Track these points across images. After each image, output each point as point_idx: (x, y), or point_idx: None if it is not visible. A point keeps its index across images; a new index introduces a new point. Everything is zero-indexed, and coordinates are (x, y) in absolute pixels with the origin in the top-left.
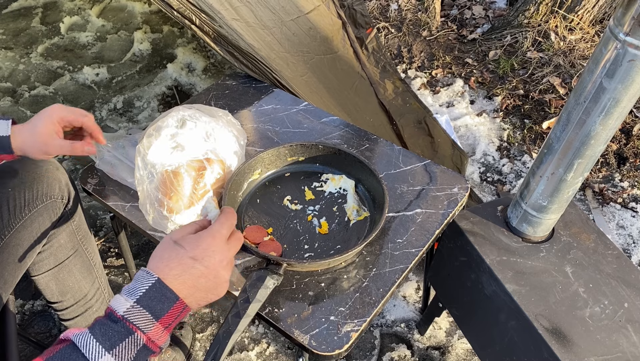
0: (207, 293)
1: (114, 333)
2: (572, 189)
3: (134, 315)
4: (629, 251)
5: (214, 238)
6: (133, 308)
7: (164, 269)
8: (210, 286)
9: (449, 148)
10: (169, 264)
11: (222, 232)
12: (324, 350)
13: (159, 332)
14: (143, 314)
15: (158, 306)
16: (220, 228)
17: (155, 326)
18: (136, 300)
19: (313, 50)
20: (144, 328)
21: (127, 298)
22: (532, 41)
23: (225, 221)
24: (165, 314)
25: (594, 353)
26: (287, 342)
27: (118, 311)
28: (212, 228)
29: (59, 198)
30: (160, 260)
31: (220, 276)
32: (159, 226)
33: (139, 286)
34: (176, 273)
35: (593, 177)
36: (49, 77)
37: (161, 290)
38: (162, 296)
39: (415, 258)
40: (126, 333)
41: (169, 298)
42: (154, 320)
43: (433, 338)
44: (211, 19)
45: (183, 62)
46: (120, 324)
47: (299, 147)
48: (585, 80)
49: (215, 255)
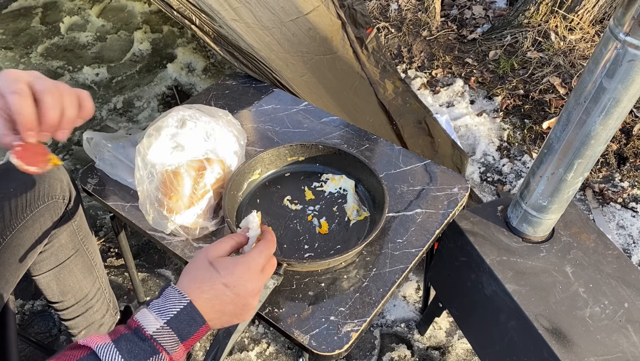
0: (232, 318)
1: (140, 350)
2: (572, 189)
3: (162, 336)
4: (629, 251)
5: (249, 268)
6: (163, 329)
7: (195, 291)
8: (238, 312)
9: (449, 148)
10: (202, 286)
11: (260, 261)
12: (324, 350)
13: (181, 353)
14: (171, 336)
15: (186, 329)
16: (258, 258)
17: (179, 347)
18: (167, 321)
19: (313, 50)
20: (169, 349)
21: (158, 317)
22: (532, 41)
23: (265, 250)
24: (191, 337)
25: (594, 353)
26: (287, 342)
27: (147, 330)
28: (250, 256)
29: (61, 198)
30: (194, 281)
31: (248, 304)
32: (159, 226)
33: (170, 306)
34: (207, 297)
35: (593, 177)
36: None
37: (191, 314)
38: (191, 320)
39: (415, 258)
40: (151, 353)
41: (197, 322)
42: (179, 342)
43: (433, 338)
44: (211, 19)
45: (183, 62)
46: (148, 343)
47: (299, 147)
48: (585, 80)
49: (248, 284)
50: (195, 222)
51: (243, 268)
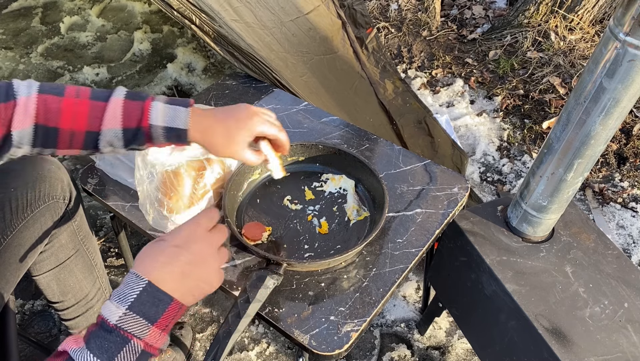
0: (199, 282)
1: (110, 344)
2: (572, 189)
3: (127, 322)
4: (629, 251)
5: (194, 226)
6: (126, 316)
7: (150, 264)
8: (201, 274)
9: (449, 148)
10: (154, 258)
11: (201, 221)
12: (324, 350)
13: (156, 336)
14: (137, 320)
15: (152, 310)
16: (199, 218)
17: (151, 330)
18: (128, 307)
19: (313, 50)
20: (139, 334)
21: (119, 305)
22: (532, 41)
23: (206, 213)
24: (161, 317)
25: (594, 353)
26: (287, 342)
27: (110, 320)
28: (191, 219)
29: (61, 198)
30: (148, 259)
31: (208, 263)
32: (159, 226)
33: (129, 291)
34: (163, 267)
35: (593, 177)
36: (49, 77)
37: (153, 294)
38: (154, 300)
39: (415, 258)
40: (122, 343)
41: (162, 301)
42: (149, 325)
43: (433, 338)
44: (211, 19)
45: (183, 62)
46: (115, 333)
47: (299, 147)
48: (585, 80)
49: (198, 242)
50: None
51: (189, 228)
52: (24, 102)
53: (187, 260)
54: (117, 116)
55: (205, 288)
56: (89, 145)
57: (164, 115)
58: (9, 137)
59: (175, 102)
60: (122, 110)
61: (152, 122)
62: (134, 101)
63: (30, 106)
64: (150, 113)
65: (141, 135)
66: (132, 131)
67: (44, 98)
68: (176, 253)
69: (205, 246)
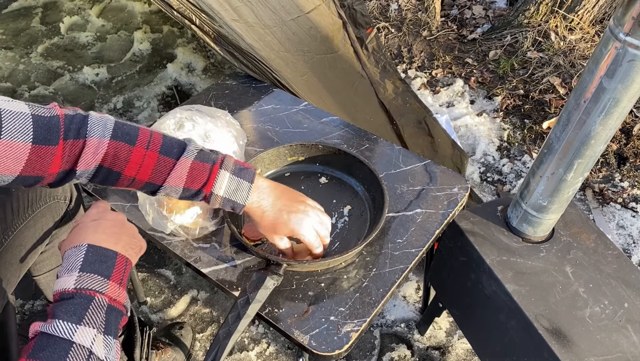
0: (130, 238)
1: (75, 307)
2: (572, 189)
3: (84, 282)
4: (629, 251)
5: (96, 209)
6: (81, 278)
7: (81, 236)
8: (128, 231)
9: (449, 148)
10: (80, 233)
11: (100, 205)
12: (324, 350)
13: (116, 290)
14: (93, 278)
15: (102, 266)
16: (93, 207)
17: (109, 285)
18: (79, 270)
19: (313, 49)
20: (100, 289)
21: (70, 273)
22: (532, 41)
23: (96, 205)
24: (113, 271)
25: (594, 353)
26: (287, 342)
27: (68, 288)
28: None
29: (62, 198)
30: (73, 234)
31: (127, 225)
32: (158, 226)
33: (73, 259)
34: (91, 231)
35: (593, 177)
36: (49, 77)
37: (97, 252)
38: (101, 257)
39: (415, 258)
40: (87, 301)
41: (109, 257)
42: (105, 280)
43: (433, 338)
44: (211, 19)
45: (183, 62)
46: (77, 296)
47: (299, 147)
48: (585, 80)
49: (108, 214)
50: (195, 222)
51: (92, 210)
52: (95, 145)
53: (109, 225)
54: (183, 177)
55: (138, 243)
56: (146, 190)
57: (228, 186)
58: (72, 172)
59: (241, 173)
60: (189, 172)
61: (215, 191)
62: (202, 163)
63: (100, 151)
64: (215, 182)
65: (199, 196)
66: (193, 191)
67: (116, 145)
68: (97, 223)
69: (116, 215)
